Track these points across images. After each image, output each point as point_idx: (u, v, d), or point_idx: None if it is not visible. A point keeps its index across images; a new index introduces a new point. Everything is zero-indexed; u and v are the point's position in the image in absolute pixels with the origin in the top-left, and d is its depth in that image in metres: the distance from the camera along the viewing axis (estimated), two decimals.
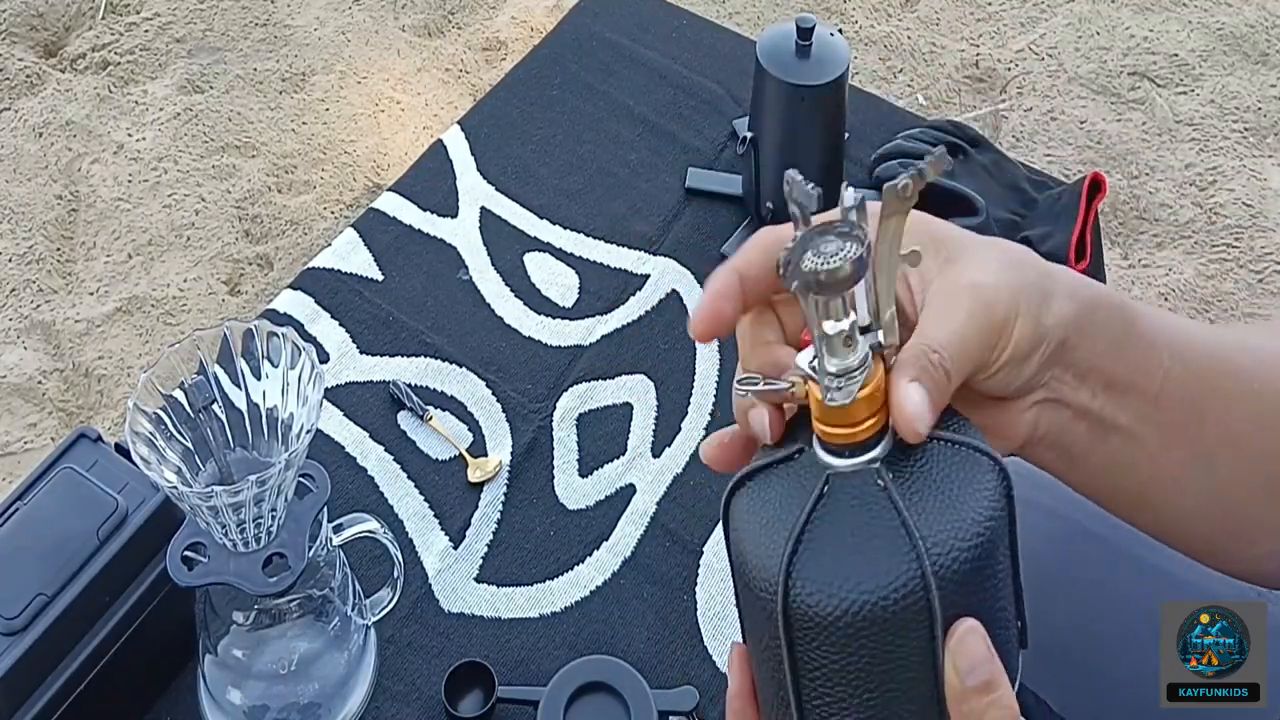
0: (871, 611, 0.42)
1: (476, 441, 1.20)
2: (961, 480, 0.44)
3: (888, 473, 0.44)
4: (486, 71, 2.03)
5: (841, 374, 0.43)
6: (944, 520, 0.43)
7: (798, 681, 0.44)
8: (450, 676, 1.02)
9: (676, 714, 1.01)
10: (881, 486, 0.43)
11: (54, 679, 0.91)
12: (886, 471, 0.44)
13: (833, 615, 0.42)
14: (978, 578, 0.43)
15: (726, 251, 1.34)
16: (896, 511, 0.43)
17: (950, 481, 0.44)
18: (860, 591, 0.42)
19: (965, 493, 0.44)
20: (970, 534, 0.42)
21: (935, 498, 0.43)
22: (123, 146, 1.92)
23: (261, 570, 0.83)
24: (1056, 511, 0.93)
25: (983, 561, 0.43)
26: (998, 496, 0.44)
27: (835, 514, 0.44)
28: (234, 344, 0.83)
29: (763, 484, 0.47)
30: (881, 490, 0.43)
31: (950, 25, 2.13)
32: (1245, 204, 1.85)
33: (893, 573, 0.42)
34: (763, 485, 0.47)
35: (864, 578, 0.42)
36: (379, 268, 1.33)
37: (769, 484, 0.46)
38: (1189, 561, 0.89)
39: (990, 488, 0.44)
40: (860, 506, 0.43)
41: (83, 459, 0.96)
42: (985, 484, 0.44)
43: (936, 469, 0.44)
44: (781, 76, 1.23)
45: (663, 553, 1.14)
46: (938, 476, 0.44)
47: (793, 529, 0.43)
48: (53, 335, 1.68)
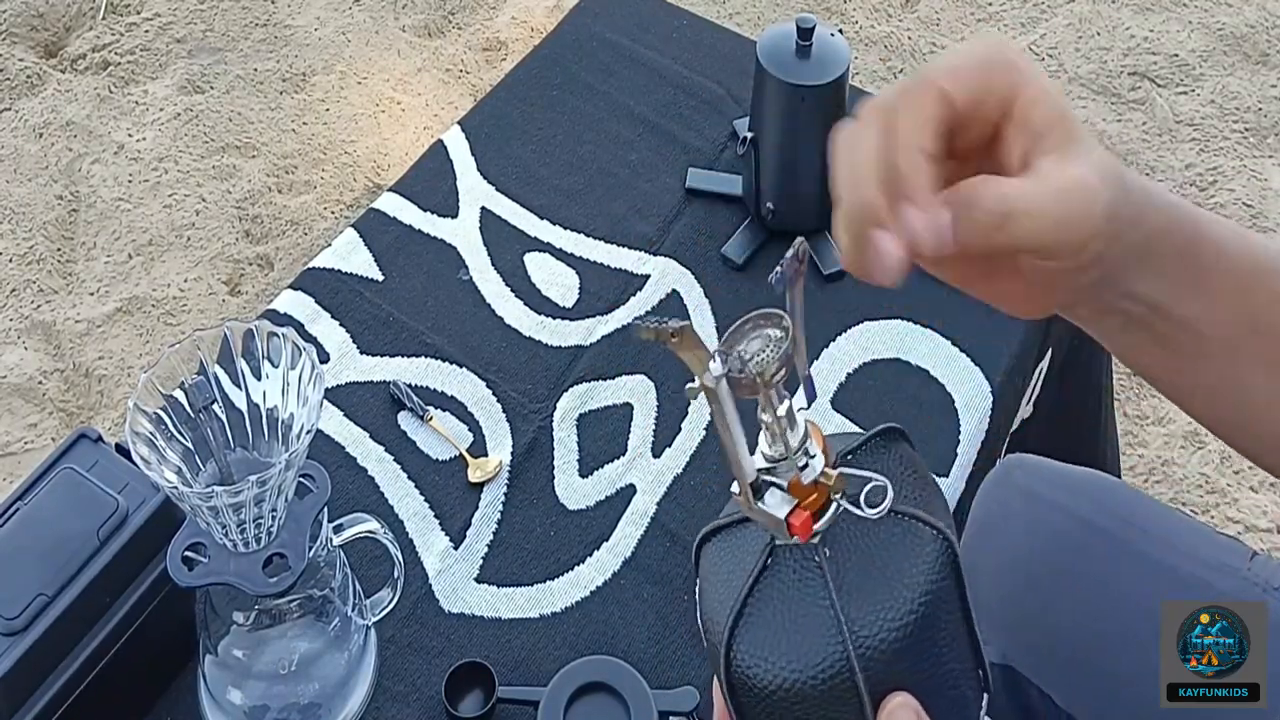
0: (802, 689, 0.44)
1: (477, 442, 1.20)
2: (900, 554, 0.45)
3: (825, 549, 0.45)
4: (486, 72, 2.03)
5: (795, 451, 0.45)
6: (875, 600, 0.44)
7: None
8: (450, 677, 1.02)
9: (676, 714, 1.01)
10: (817, 564, 0.45)
11: (54, 679, 0.91)
12: (824, 548, 0.45)
13: (767, 687, 0.44)
14: (913, 651, 0.44)
15: (727, 252, 1.34)
16: (828, 594, 0.44)
17: (889, 558, 0.45)
18: (791, 670, 0.44)
19: (902, 569, 0.45)
20: (903, 611, 0.44)
21: (871, 577, 0.45)
22: (123, 147, 1.92)
23: (262, 570, 0.83)
24: (1060, 505, 0.94)
25: (918, 635, 0.44)
26: (938, 566, 0.45)
27: (774, 588, 0.46)
28: (234, 344, 0.83)
29: (723, 542, 0.49)
30: (817, 568, 0.45)
31: (950, 25, 2.12)
32: (1245, 204, 1.85)
33: (820, 654, 0.44)
34: (723, 544, 0.49)
35: (793, 657, 0.44)
36: (379, 268, 1.33)
37: (727, 545, 0.49)
38: (1193, 558, 0.89)
39: (929, 560, 0.45)
40: (798, 582, 0.45)
41: (83, 459, 0.96)
42: (925, 556, 0.45)
43: (876, 545, 0.46)
44: (782, 77, 1.23)
45: (663, 553, 1.14)
46: (876, 553, 0.45)
47: (737, 598, 0.46)
48: (53, 335, 1.68)
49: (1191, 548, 0.90)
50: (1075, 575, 0.91)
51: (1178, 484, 1.68)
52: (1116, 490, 0.97)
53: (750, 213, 1.36)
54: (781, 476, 0.45)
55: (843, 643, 0.43)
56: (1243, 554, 0.89)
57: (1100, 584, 0.90)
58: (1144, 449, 1.74)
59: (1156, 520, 0.93)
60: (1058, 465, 0.98)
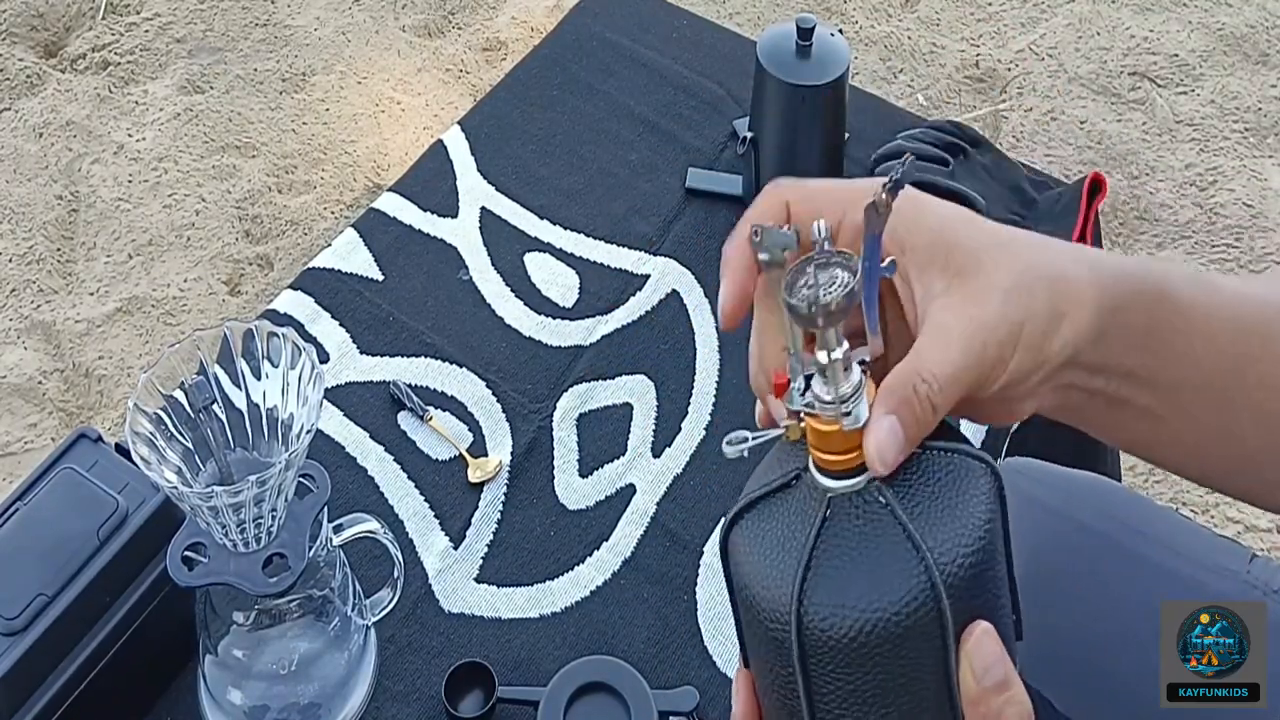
0: (887, 627, 0.42)
1: (477, 441, 1.20)
2: (958, 487, 0.44)
3: (888, 489, 0.44)
4: (487, 72, 2.04)
5: (843, 400, 0.44)
6: (946, 529, 0.43)
7: (813, 708, 0.45)
8: (450, 677, 1.02)
9: (676, 714, 1.01)
10: (884, 503, 0.44)
11: (54, 679, 0.91)
12: (886, 488, 0.44)
13: (849, 636, 0.43)
14: (981, 580, 0.44)
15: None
16: (901, 526, 0.43)
17: (948, 490, 0.44)
18: (874, 609, 0.42)
19: (963, 499, 0.44)
20: (972, 539, 0.43)
21: (936, 508, 0.44)
22: (123, 147, 1.92)
23: (262, 570, 0.83)
24: (1059, 510, 0.93)
25: (985, 564, 0.44)
26: (992, 499, 0.45)
27: (841, 536, 0.44)
28: (234, 344, 0.83)
29: (762, 514, 0.47)
30: (884, 507, 0.44)
31: (950, 25, 2.13)
32: (1245, 204, 1.85)
33: (904, 587, 0.42)
34: (762, 516, 0.47)
35: (877, 595, 0.42)
36: (379, 268, 1.33)
37: (768, 514, 0.47)
38: (1192, 561, 0.89)
39: (985, 491, 0.45)
40: (865, 525, 0.44)
41: (83, 459, 0.96)
42: (980, 488, 0.45)
43: (933, 479, 0.45)
44: (782, 77, 1.23)
45: (663, 553, 1.14)
46: (935, 486, 0.45)
47: (801, 556, 0.44)
48: (53, 335, 1.69)
49: (1191, 551, 0.90)
50: (1075, 578, 0.91)
51: (1177, 484, 1.68)
52: (1116, 494, 0.97)
53: None
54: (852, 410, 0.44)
55: (926, 570, 0.42)
56: (1242, 556, 0.89)
57: (1100, 587, 0.90)
58: None
59: (1156, 523, 0.93)
60: (1057, 469, 0.98)
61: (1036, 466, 1.00)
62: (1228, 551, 0.90)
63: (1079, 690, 0.88)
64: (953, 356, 0.45)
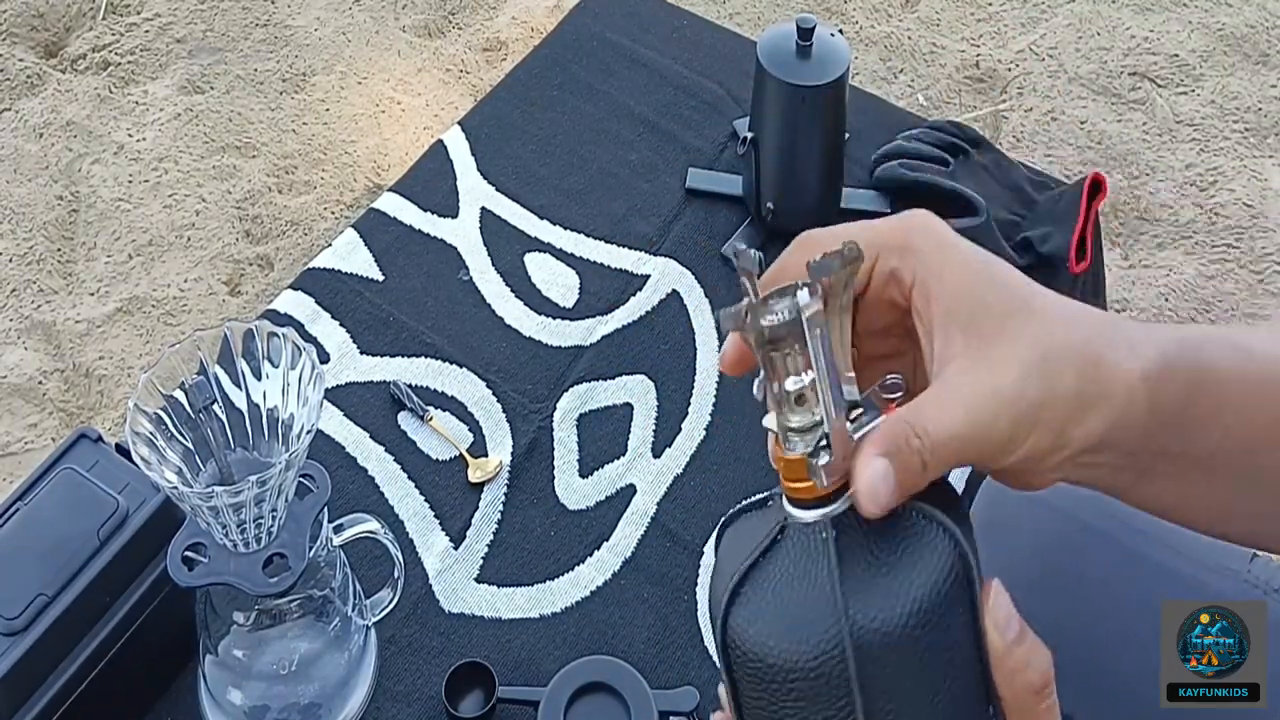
0: (791, 667, 0.42)
1: (477, 442, 1.20)
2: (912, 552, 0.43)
3: (833, 529, 0.44)
4: (487, 72, 2.04)
5: (801, 430, 0.44)
6: (878, 588, 0.42)
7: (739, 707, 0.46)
8: (450, 677, 1.02)
9: (677, 714, 1.01)
10: (824, 541, 0.44)
11: (54, 679, 0.91)
12: (833, 528, 0.44)
13: (758, 662, 0.43)
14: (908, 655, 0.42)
15: (727, 252, 1.34)
16: (830, 573, 0.43)
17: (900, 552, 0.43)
18: (780, 648, 0.43)
19: (908, 562, 0.43)
20: (905, 609, 0.42)
21: (875, 566, 0.43)
22: (123, 147, 1.92)
23: (262, 570, 0.83)
24: (1061, 508, 0.93)
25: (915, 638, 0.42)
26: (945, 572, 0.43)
27: (777, 564, 0.44)
28: (234, 344, 0.83)
29: (742, 522, 0.48)
30: (823, 545, 0.44)
31: (950, 25, 2.12)
32: (1246, 204, 1.85)
33: (815, 638, 0.42)
34: (742, 523, 0.48)
35: (786, 633, 0.43)
36: (379, 268, 1.33)
37: (746, 522, 0.48)
38: (1193, 560, 0.89)
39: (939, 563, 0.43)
40: (800, 560, 0.44)
41: (83, 459, 0.96)
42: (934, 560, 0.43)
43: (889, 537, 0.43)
44: (782, 77, 1.23)
45: (663, 553, 1.14)
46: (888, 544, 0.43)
47: (739, 569, 0.45)
48: (53, 335, 1.68)
49: (1192, 550, 0.90)
50: (1075, 577, 0.91)
51: None
52: None
53: (750, 213, 1.36)
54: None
55: (838, 627, 0.41)
56: (1243, 556, 0.89)
57: (1100, 586, 0.90)
58: None
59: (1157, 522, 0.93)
60: None
61: None
62: (1228, 551, 0.90)
63: (1080, 689, 0.88)
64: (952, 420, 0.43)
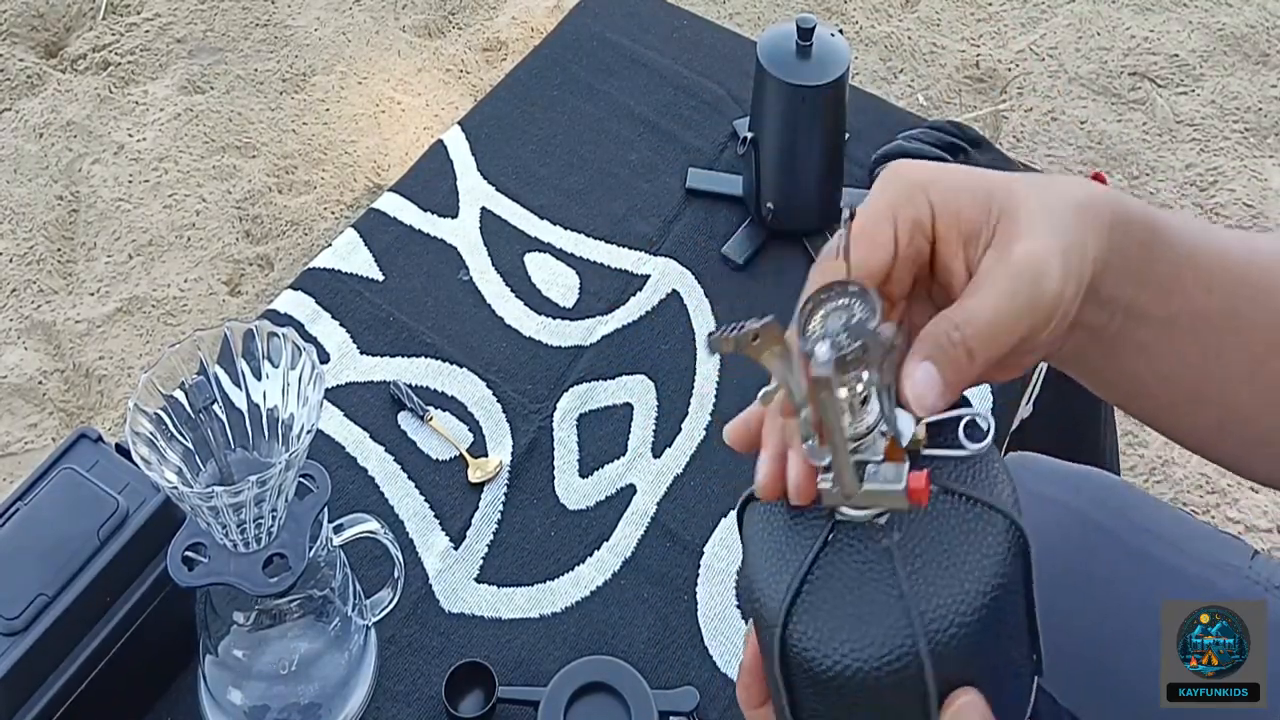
0: (863, 676, 0.41)
1: (477, 442, 1.20)
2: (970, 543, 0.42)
3: (895, 533, 0.42)
4: (487, 72, 2.03)
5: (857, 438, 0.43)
6: (945, 591, 0.41)
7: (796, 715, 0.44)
8: (450, 677, 1.02)
9: (677, 714, 1.01)
10: (885, 548, 0.42)
11: (54, 679, 0.91)
12: (894, 532, 0.43)
13: (826, 672, 0.42)
14: (979, 644, 0.42)
15: (727, 252, 1.34)
16: (896, 582, 0.42)
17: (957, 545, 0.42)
18: (853, 656, 0.41)
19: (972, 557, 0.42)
20: (972, 605, 0.41)
21: (940, 564, 0.42)
22: (123, 147, 1.92)
23: (262, 570, 0.83)
24: (1063, 503, 0.93)
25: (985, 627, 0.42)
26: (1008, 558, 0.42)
27: (837, 568, 0.43)
28: (234, 344, 0.83)
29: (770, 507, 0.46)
30: (884, 552, 0.42)
31: (950, 25, 2.12)
32: (1246, 204, 1.85)
33: (887, 644, 0.41)
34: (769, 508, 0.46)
35: (858, 643, 0.41)
36: (379, 268, 1.33)
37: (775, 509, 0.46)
38: (1194, 557, 0.89)
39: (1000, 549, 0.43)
40: (863, 566, 0.43)
41: (83, 459, 0.96)
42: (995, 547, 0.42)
43: (945, 530, 0.43)
44: (782, 77, 1.23)
45: (663, 553, 1.14)
46: (945, 539, 0.42)
47: (795, 574, 0.43)
48: (53, 335, 1.68)
49: (1193, 546, 0.90)
50: (1077, 573, 0.91)
51: (1178, 484, 1.68)
52: (1118, 488, 0.97)
53: (750, 213, 1.36)
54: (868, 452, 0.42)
55: (912, 635, 0.40)
56: (1244, 552, 0.89)
57: (1102, 582, 0.90)
58: (1144, 449, 1.74)
59: (1158, 518, 0.93)
60: (1059, 463, 0.98)
61: (1040, 461, 1.00)
62: (1230, 547, 0.90)
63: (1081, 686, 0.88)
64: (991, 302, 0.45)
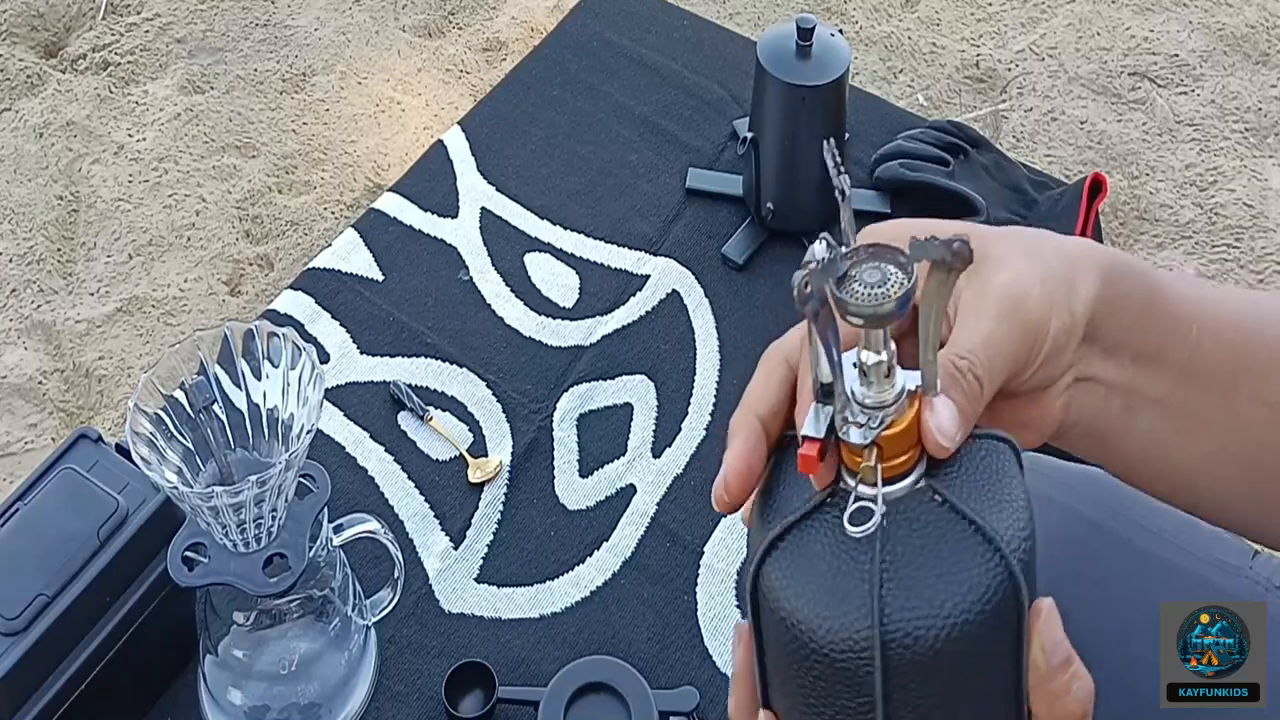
0: (972, 625, 0.41)
1: (477, 442, 1.20)
2: (997, 470, 0.44)
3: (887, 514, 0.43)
4: (487, 72, 2.03)
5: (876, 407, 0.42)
6: (1003, 513, 0.43)
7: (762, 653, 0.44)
8: (450, 677, 1.02)
9: (677, 714, 1.01)
10: (940, 501, 0.43)
11: (54, 679, 0.91)
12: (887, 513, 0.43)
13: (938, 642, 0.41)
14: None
15: (727, 252, 1.34)
16: (968, 520, 0.42)
17: (990, 475, 0.44)
18: (960, 609, 0.41)
19: (1004, 480, 0.44)
20: (1025, 517, 0.43)
21: (986, 495, 0.43)
22: (123, 147, 1.92)
23: (262, 570, 0.83)
24: (1064, 502, 0.93)
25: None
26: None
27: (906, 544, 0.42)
28: (234, 344, 0.83)
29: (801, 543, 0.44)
30: (942, 504, 0.43)
31: (950, 25, 2.12)
32: (1246, 204, 1.85)
33: (986, 580, 0.42)
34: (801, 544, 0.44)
35: (960, 594, 0.41)
36: (379, 268, 1.33)
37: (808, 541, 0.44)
38: (1195, 556, 0.89)
39: (1016, 468, 0.45)
40: (928, 527, 0.43)
41: (83, 459, 0.96)
42: (1013, 467, 0.45)
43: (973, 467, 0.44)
44: (782, 77, 1.23)
45: (663, 553, 1.14)
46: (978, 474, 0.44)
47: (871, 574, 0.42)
48: (53, 335, 1.68)
49: (1194, 546, 0.90)
50: (1077, 572, 0.91)
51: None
52: (1118, 488, 0.97)
53: (750, 213, 1.36)
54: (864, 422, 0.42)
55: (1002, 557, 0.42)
56: (1244, 552, 0.89)
57: (1102, 581, 0.90)
58: None
59: (1158, 518, 0.93)
60: (1059, 462, 0.97)
61: (1040, 461, 1.00)
62: (1230, 547, 0.90)
63: None
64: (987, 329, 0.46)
